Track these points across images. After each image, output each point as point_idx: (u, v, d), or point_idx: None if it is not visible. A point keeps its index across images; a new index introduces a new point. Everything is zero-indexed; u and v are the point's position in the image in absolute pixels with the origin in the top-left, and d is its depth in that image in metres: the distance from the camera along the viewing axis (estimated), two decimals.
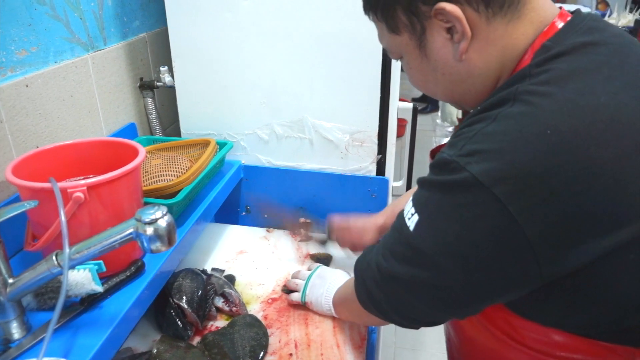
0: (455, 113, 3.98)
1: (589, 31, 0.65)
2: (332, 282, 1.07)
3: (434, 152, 0.89)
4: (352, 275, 0.89)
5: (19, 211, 0.75)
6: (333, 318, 1.07)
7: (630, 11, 3.43)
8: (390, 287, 0.74)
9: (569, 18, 0.67)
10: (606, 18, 3.42)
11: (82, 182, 0.81)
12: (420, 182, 0.70)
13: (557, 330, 0.68)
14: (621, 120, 0.58)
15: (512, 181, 0.57)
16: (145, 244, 0.71)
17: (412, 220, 0.68)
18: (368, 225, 1.17)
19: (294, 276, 1.17)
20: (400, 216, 0.72)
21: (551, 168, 0.56)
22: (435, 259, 0.65)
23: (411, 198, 0.71)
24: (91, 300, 0.85)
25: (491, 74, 0.69)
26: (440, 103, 4.77)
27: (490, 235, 0.60)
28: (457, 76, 0.71)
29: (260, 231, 1.44)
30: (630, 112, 0.59)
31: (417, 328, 0.78)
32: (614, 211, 0.58)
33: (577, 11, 0.69)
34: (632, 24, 3.18)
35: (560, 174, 0.56)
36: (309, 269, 1.16)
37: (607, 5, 4.00)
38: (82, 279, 0.80)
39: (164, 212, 0.71)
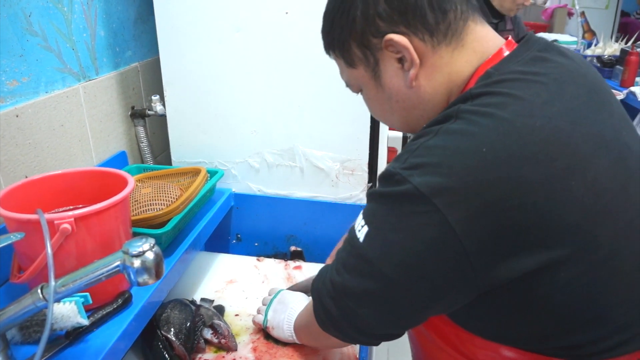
0: None
1: (531, 61, 0.69)
2: (293, 307, 1.06)
3: None
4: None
5: (5, 244, 0.74)
6: (323, 351, 1.06)
7: (616, 40, 3.50)
8: (344, 301, 0.74)
9: (515, 47, 0.72)
10: (592, 47, 3.49)
11: (70, 213, 0.81)
12: (369, 194, 0.72)
13: (502, 345, 0.70)
14: (554, 143, 0.62)
15: (451, 193, 0.61)
16: (132, 277, 0.70)
17: (362, 232, 0.70)
18: None
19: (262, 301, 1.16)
20: (352, 229, 0.73)
21: (485, 183, 0.60)
22: (383, 269, 0.67)
23: (361, 211, 0.73)
24: (77, 334, 0.83)
25: (440, 99, 0.74)
26: None
27: (431, 244, 0.63)
28: (409, 102, 0.75)
29: (250, 260, 1.43)
30: (564, 136, 0.62)
31: (377, 344, 0.80)
32: (544, 228, 0.61)
33: (527, 39, 0.73)
34: (617, 53, 3.24)
35: (493, 189, 0.60)
36: (269, 294, 1.15)
37: (594, 34, 4.08)
38: (67, 312, 0.79)
39: (152, 245, 0.70)
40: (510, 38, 0.75)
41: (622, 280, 0.66)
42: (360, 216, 0.72)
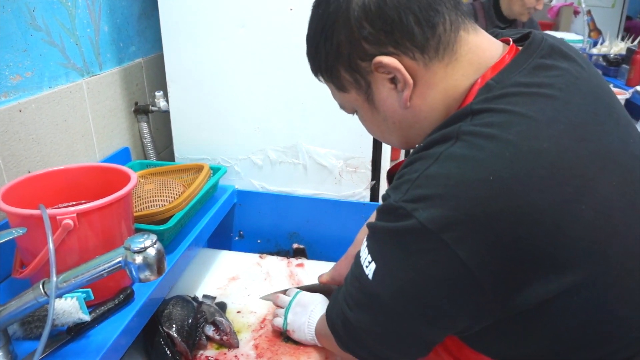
0: None
1: (534, 71, 0.66)
2: (313, 309, 1.05)
3: (390, 173, 0.90)
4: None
5: (7, 239, 0.74)
6: (324, 348, 1.05)
7: (622, 39, 3.48)
8: (357, 336, 0.75)
9: (516, 54, 0.68)
10: (598, 46, 3.47)
11: (72, 209, 0.80)
12: (371, 228, 0.69)
13: None
14: (562, 166, 0.59)
15: (459, 227, 0.58)
16: (134, 273, 0.70)
17: (369, 269, 0.68)
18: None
19: (274, 302, 1.15)
20: (358, 263, 0.72)
21: (494, 213, 0.57)
22: (396, 307, 0.67)
23: (366, 244, 0.71)
24: (78, 330, 0.83)
25: (438, 116, 0.70)
26: None
27: (444, 280, 0.61)
28: (406, 122, 0.73)
29: (253, 257, 1.42)
30: (571, 158, 0.60)
31: None
32: (556, 255, 0.59)
33: (529, 43, 0.69)
34: (624, 52, 3.22)
35: (502, 219, 0.57)
36: (287, 294, 1.14)
37: (600, 33, 4.06)
38: (69, 307, 0.79)
39: (154, 241, 0.70)
40: (512, 42, 0.72)
41: (633, 296, 0.64)
42: (366, 249, 0.70)
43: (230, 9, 1.26)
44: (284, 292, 1.17)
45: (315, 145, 1.35)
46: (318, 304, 1.06)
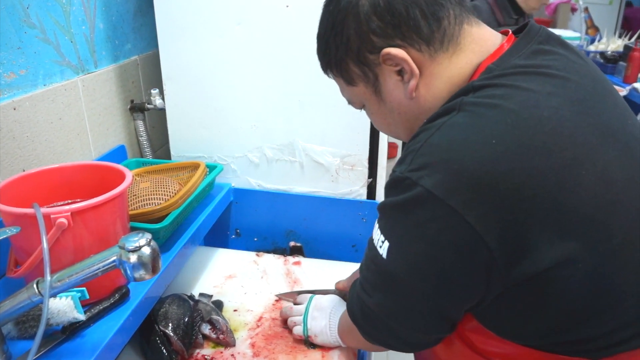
0: None
1: (532, 55, 0.68)
2: (332, 311, 1.04)
3: None
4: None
5: (1, 238, 0.73)
6: (321, 348, 1.05)
7: (620, 36, 3.48)
8: (379, 321, 0.75)
9: (515, 41, 0.71)
10: (595, 43, 3.47)
11: (66, 207, 0.80)
12: (381, 207, 0.71)
13: (516, 345, 0.69)
14: (563, 133, 0.61)
15: (464, 191, 0.59)
16: (129, 272, 0.69)
17: (383, 248, 0.69)
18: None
19: (286, 314, 1.11)
20: (372, 246, 0.72)
21: (498, 175, 0.59)
22: (412, 282, 0.67)
23: (377, 225, 0.72)
24: (73, 329, 0.83)
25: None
26: None
27: (456, 248, 0.62)
28: (412, 113, 0.75)
29: (249, 255, 1.42)
30: (570, 126, 0.62)
31: (419, 350, 0.80)
32: (559, 219, 0.60)
33: (527, 31, 0.72)
34: (621, 49, 3.22)
35: (506, 180, 0.59)
36: (296, 302, 1.13)
37: (597, 30, 4.06)
38: (64, 307, 0.79)
39: (148, 240, 0.70)
40: (510, 32, 0.74)
41: (635, 270, 0.65)
42: (378, 230, 0.71)
43: (226, 6, 1.25)
44: (298, 293, 1.17)
45: (312, 143, 1.35)
46: (336, 305, 1.05)
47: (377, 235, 0.71)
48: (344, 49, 0.74)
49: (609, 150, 0.64)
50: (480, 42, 0.72)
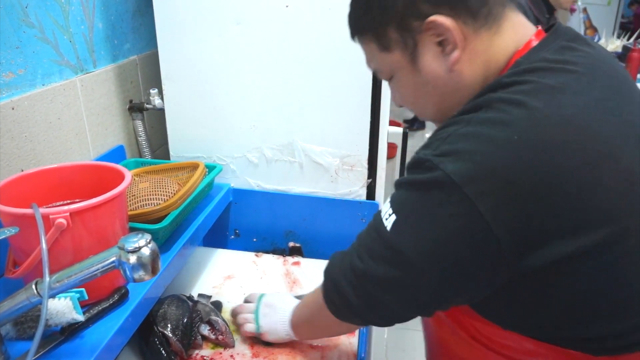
0: None
1: (559, 50, 0.69)
2: (282, 307, 1.04)
3: None
4: (304, 293, 0.89)
5: None
6: (321, 347, 1.05)
7: (618, 37, 3.48)
8: (366, 287, 0.74)
9: (543, 37, 0.71)
10: None
11: (65, 208, 0.79)
12: (397, 183, 0.71)
13: (521, 336, 0.70)
14: (586, 133, 0.62)
15: (482, 181, 0.60)
16: (128, 273, 0.69)
17: (389, 221, 0.69)
18: None
19: (237, 312, 1.12)
20: (377, 217, 0.73)
21: (518, 172, 0.60)
22: (411, 258, 0.67)
23: (389, 199, 0.72)
24: (72, 330, 0.83)
25: (476, 87, 0.72)
26: None
27: (462, 234, 0.62)
28: (447, 88, 0.74)
29: (249, 255, 1.42)
30: (595, 126, 0.63)
31: (391, 325, 0.79)
32: (575, 217, 0.60)
33: (555, 29, 0.73)
34: (620, 50, 3.23)
35: (525, 178, 0.60)
36: (246, 301, 1.14)
37: (596, 30, 4.06)
38: (62, 307, 0.78)
39: (148, 240, 0.69)
40: (539, 28, 0.75)
41: None
42: (388, 204, 0.71)
43: (225, 5, 1.25)
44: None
45: (312, 143, 1.34)
46: (287, 302, 1.06)
47: (386, 208, 0.71)
48: (388, 13, 0.72)
49: (632, 150, 0.64)
50: (518, 28, 0.72)
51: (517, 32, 0.72)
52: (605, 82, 0.68)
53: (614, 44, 3.36)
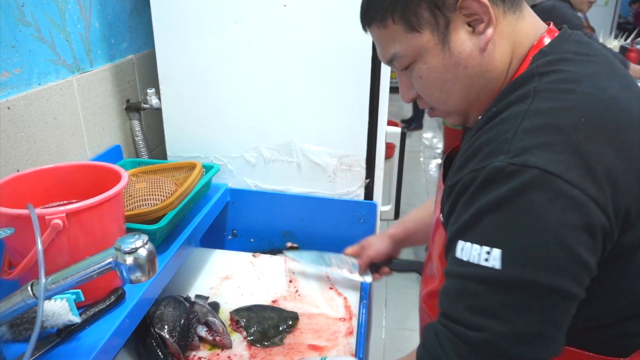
0: None
1: (579, 43, 0.71)
2: None
3: (450, 157, 0.89)
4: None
5: None
6: (319, 347, 1.04)
7: (615, 37, 3.49)
8: (496, 351, 0.61)
9: (557, 34, 0.73)
10: None
11: (61, 208, 0.79)
12: (475, 212, 0.62)
13: None
14: (632, 112, 0.64)
15: (577, 167, 0.58)
16: (125, 274, 0.68)
17: (493, 258, 0.59)
18: (380, 237, 1.20)
19: None
20: (465, 269, 0.62)
21: (598, 150, 0.59)
22: (544, 281, 0.58)
23: (467, 237, 0.62)
24: (68, 332, 0.82)
25: (504, 70, 0.72)
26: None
27: (582, 226, 0.57)
28: (478, 69, 0.71)
29: (246, 256, 1.41)
30: (635, 105, 0.65)
31: None
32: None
33: (564, 29, 0.74)
34: (617, 50, 3.23)
35: (605, 156, 0.59)
36: None
37: (593, 30, 4.06)
38: (59, 309, 0.78)
39: (145, 241, 0.69)
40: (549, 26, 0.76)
41: None
42: (472, 245, 0.61)
43: (223, 5, 1.24)
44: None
45: (309, 143, 1.34)
46: None
47: (475, 250, 0.61)
48: None
49: None
50: (535, 18, 0.74)
51: (536, 21, 0.74)
52: (621, 73, 0.70)
53: (611, 44, 3.37)
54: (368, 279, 1.20)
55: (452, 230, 0.66)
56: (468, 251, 0.62)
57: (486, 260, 0.60)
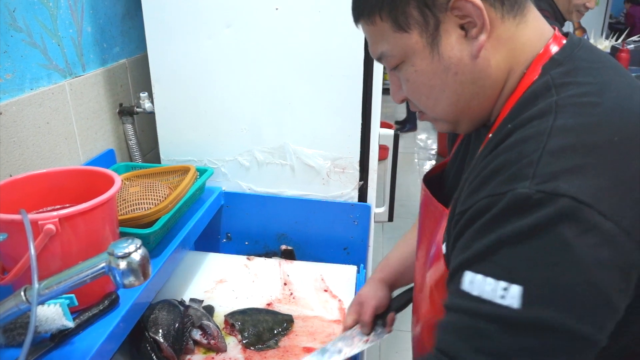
0: None
1: (589, 50, 0.67)
2: None
3: (426, 178, 0.83)
4: None
5: None
6: (313, 350, 1.04)
7: (607, 37, 3.52)
8: None
9: (564, 40, 0.68)
10: None
11: (54, 213, 0.79)
12: (494, 241, 0.55)
13: None
14: None
15: (611, 193, 0.52)
16: (118, 279, 0.68)
17: (510, 296, 0.53)
18: (372, 285, 1.07)
19: None
20: (475, 305, 0.56)
21: (630, 173, 0.54)
22: (561, 324, 0.52)
23: (482, 270, 0.56)
24: (62, 336, 0.82)
25: (499, 78, 0.67)
26: None
27: (614, 264, 0.52)
28: (469, 76, 0.67)
29: (241, 259, 1.41)
30: None
31: None
32: None
33: (570, 33, 0.70)
34: (608, 50, 3.25)
35: (637, 178, 0.54)
36: None
37: (584, 31, 4.09)
38: (52, 314, 0.77)
39: (138, 245, 0.69)
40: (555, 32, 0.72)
41: None
42: (487, 278, 0.55)
43: (215, 8, 1.24)
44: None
45: (303, 146, 1.34)
46: None
47: (489, 285, 0.55)
48: None
49: None
50: (540, 22, 0.68)
51: (540, 26, 0.68)
52: (629, 74, 0.66)
53: (602, 45, 3.39)
54: (384, 334, 1.05)
55: (459, 260, 0.59)
56: (480, 285, 0.55)
57: (502, 297, 0.53)
